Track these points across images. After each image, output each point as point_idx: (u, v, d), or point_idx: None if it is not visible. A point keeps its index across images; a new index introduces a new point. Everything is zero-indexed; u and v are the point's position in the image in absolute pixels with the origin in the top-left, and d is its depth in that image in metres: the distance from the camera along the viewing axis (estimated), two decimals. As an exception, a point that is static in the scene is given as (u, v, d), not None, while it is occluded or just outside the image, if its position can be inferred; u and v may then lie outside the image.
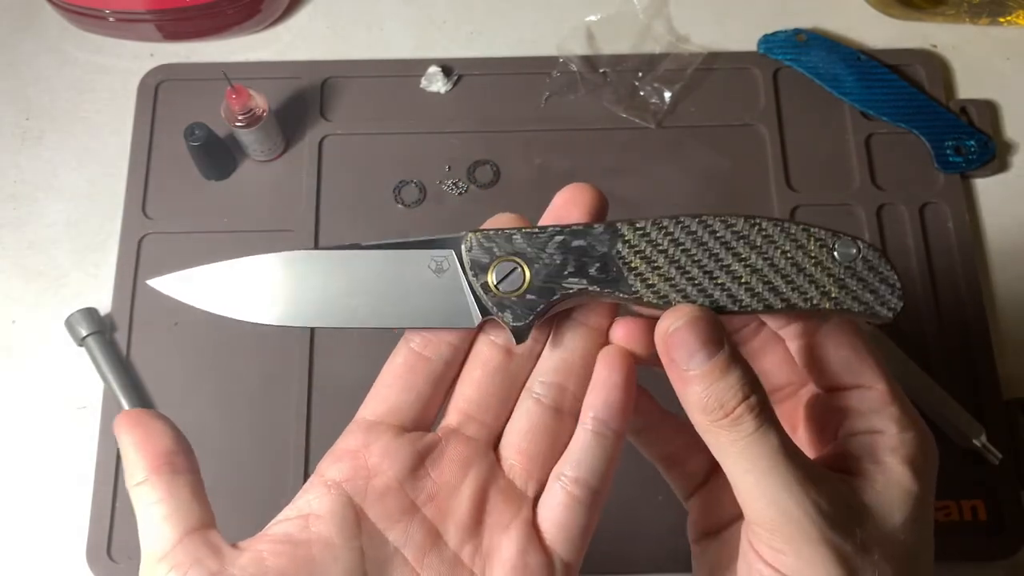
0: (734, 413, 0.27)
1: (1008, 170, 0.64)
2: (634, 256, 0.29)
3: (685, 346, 0.28)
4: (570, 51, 0.66)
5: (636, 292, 0.29)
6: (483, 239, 0.30)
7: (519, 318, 0.30)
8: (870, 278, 0.29)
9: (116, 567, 0.53)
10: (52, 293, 0.60)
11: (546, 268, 0.30)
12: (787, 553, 0.27)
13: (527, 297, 0.30)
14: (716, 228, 0.29)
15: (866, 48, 0.67)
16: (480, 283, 0.30)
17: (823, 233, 0.29)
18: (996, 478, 0.55)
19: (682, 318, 0.28)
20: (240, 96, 0.58)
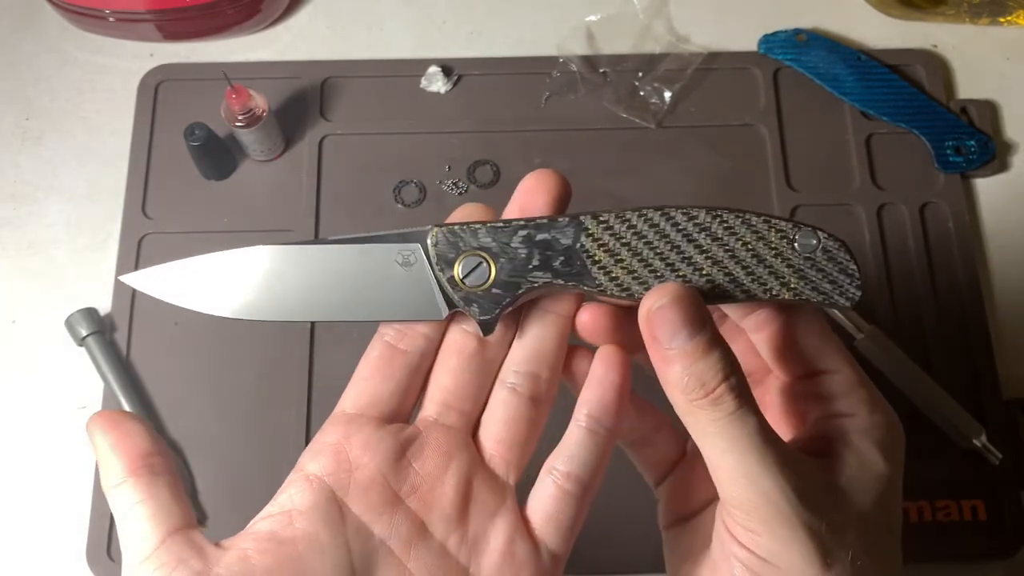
0: (715, 393, 0.27)
1: (1008, 170, 0.64)
2: (598, 249, 0.30)
3: (668, 324, 0.28)
4: (570, 51, 0.66)
5: (600, 285, 0.30)
6: (448, 234, 0.30)
7: (486, 312, 0.30)
8: (829, 268, 0.29)
9: (116, 567, 0.53)
10: (52, 293, 0.60)
11: (511, 262, 0.30)
12: (762, 534, 0.27)
13: (493, 291, 0.30)
14: (678, 220, 0.29)
15: (866, 48, 0.67)
16: (446, 277, 0.30)
17: (784, 224, 0.29)
18: (996, 478, 0.55)
19: (666, 296, 0.28)
20: (240, 96, 0.58)
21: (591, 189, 0.62)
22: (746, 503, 0.27)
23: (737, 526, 0.28)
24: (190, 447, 0.56)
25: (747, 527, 0.28)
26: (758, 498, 0.27)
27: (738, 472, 0.27)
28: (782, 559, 0.27)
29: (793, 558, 0.27)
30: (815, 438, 0.31)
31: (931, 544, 0.54)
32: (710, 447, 0.28)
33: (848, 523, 0.28)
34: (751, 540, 0.28)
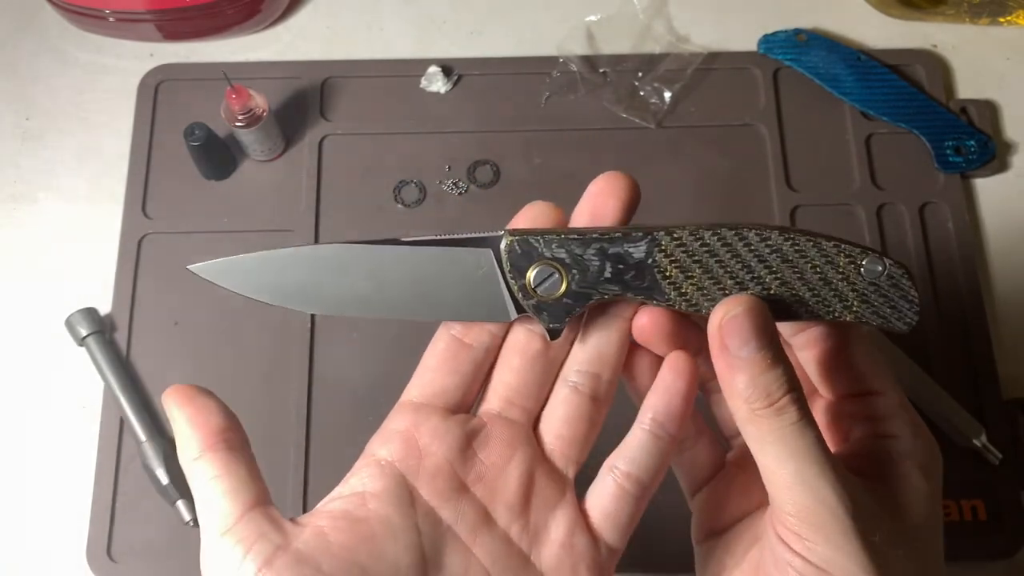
0: (779, 403, 0.28)
1: (1008, 170, 0.64)
2: (669, 265, 0.30)
3: (740, 333, 0.28)
4: (570, 51, 0.66)
5: (669, 299, 0.30)
6: (521, 243, 0.31)
7: (555, 320, 0.31)
8: (892, 294, 0.30)
9: (116, 567, 0.53)
10: (52, 293, 0.60)
11: (583, 274, 0.30)
12: (818, 542, 0.28)
13: (564, 301, 0.31)
14: (751, 240, 0.30)
15: (866, 48, 0.67)
16: (518, 285, 0.31)
17: (853, 250, 0.30)
18: (996, 478, 0.55)
19: (740, 306, 0.28)
20: (240, 96, 0.58)
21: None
22: (804, 510, 0.28)
23: (791, 534, 0.28)
24: (190, 447, 0.56)
25: (802, 535, 0.28)
26: (816, 505, 0.28)
27: (797, 480, 0.28)
28: (837, 567, 0.28)
29: (848, 566, 0.28)
30: (858, 456, 0.32)
31: (931, 544, 0.54)
32: (770, 456, 0.28)
33: (899, 540, 0.29)
34: (806, 548, 0.28)
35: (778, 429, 0.28)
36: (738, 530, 0.34)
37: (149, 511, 0.54)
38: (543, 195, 0.64)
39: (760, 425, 0.28)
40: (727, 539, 0.34)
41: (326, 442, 0.56)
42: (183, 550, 0.54)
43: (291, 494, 0.55)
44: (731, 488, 0.34)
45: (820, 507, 0.28)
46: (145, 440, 0.54)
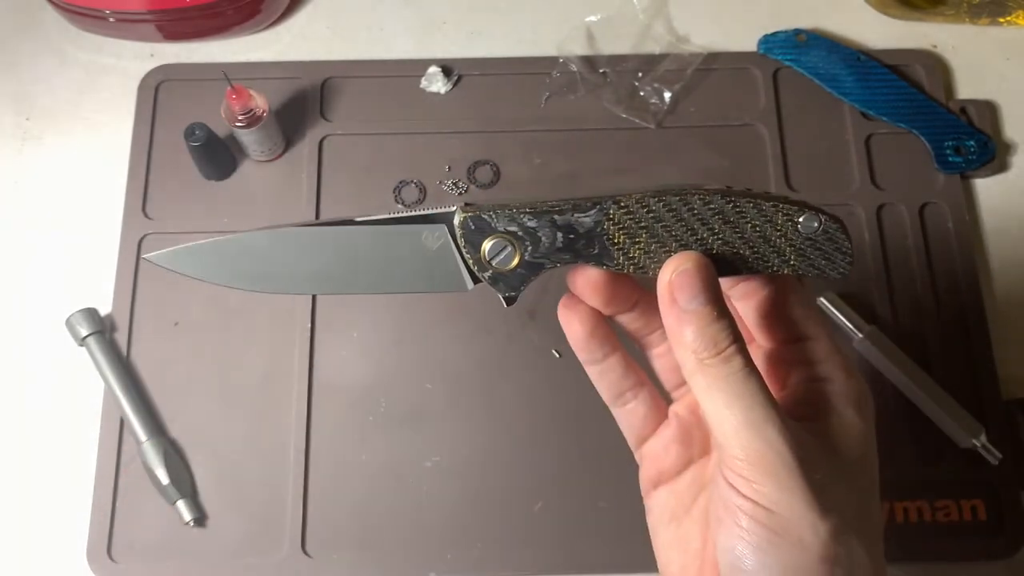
0: (725, 352, 0.30)
1: (1008, 170, 0.64)
2: (618, 232, 0.32)
3: (689, 288, 0.30)
4: (570, 51, 0.66)
5: (618, 264, 0.32)
6: (474, 219, 0.32)
7: (511, 288, 0.33)
8: (827, 247, 0.32)
9: (116, 567, 0.53)
10: (52, 293, 0.60)
11: (535, 246, 0.32)
12: (766, 484, 0.29)
13: (518, 271, 0.32)
14: (694, 204, 0.31)
15: (866, 48, 0.67)
16: (473, 258, 0.32)
17: (791, 208, 0.31)
18: (996, 478, 0.55)
19: (688, 262, 0.30)
20: (240, 96, 0.58)
21: (591, 189, 0.62)
22: (752, 453, 0.29)
23: (740, 478, 0.29)
24: (190, 447, 0.56)
25: (750, 478, 0.29)
26: (764, 447, 0.29)
27: (745, 424, 0.29)
28: (784, 506, 0.29)
29: (795, 505, 0.29)
30: (795, 400, 0.33)
31: (931, 544, 0.54)
32: (718, 402, 0.30)
33: (839, 476, 0.30)
34: (754, 490, 0.29)
35: (725, 377, 0.30)
36: (684, 478, 0.35)
37: (149, 511, 0.54)
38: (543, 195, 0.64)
39: (707, 374, 0.30)
40: (674, 488, 0.36)
41: (326, 442, 0.56)
42: (183, 550, 0.54)
43: (290, 495, 0.55)
44: (675, 438, 0.36)
45: (767, 449, 0.29)
46: (145, 440, 0.54)
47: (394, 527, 0.54)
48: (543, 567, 0.54)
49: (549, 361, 0.58)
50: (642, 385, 0.37)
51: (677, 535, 0.35)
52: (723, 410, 0.30)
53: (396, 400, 0.57)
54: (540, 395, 0.57)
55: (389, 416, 0.57)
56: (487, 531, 0.54)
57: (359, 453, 0.56)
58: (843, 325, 0.57)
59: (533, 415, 0.57)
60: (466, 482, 0.55)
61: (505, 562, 0.54)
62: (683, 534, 0.35)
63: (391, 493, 0.55)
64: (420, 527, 0.54)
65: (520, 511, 0.55)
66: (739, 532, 0.29)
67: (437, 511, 0.55)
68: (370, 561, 0.54)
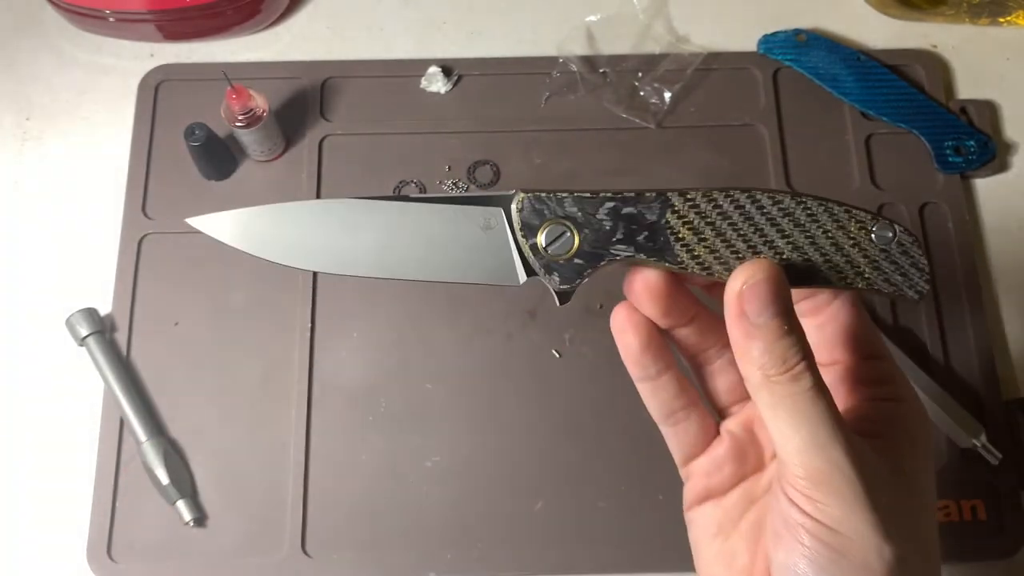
0: (794, 370, 0.28)
1: (1008, 170, 0.64)
2: (682, 227, 0.30)
3: (760, 299, 0.29)
4: (570, 51, 0.66)
5: (681, 262, 0.30)
6: (534, 200, 0.30)
7: (566, 281, 0.31)
8: (902, 261, 0.30)
9: (116, 567, 0.53)
10: (52, 293, 0.60)
11: (595, 234, 0.30)
12: (830, 503, 0.28)
13: (575, 261, 0.31)
14: (764, 204, 0.30)
15: (866, 48, 0.67)
16: (529, 244, 0.31)
17: (864, 215, 0.30)
18: (996, 478, 0.55)
19: (760, 272, 0.29)
20: (240, 96, 0.58)
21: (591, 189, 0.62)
22: (816, 473, 0.28)
23: (802, 496, 0.29)
24: (190, 447, 0.56)
25: (813, 497, 0.29)
26: (829, 467, 0.28)
27: (810, 444, 0.28)
28: (849, 527, 0.28)
29: (860, 526, 0.28)
30: (863, 418, 0.32)
31: (931, 544, 0.54)
32: (783, 420, 0.29)
33: (903, 498, 0.30)
34: (817, 509, 0.29)
35: (792, 395, 0.28)
36: (733, 494, 0.35)
37: (149, 511, 0.54)
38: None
39: (774, 391, 0.29)
40: (721, 502, 0.35)
41: (326, 442, 0.56)
42: (183, 550, 0.54)
43: (291, 494, 0.55)
44: (728, 457, 0.35)
45: (833, 469, 0.28)
46: (145, 440, 0.54)
47: (394, 527, 0.54)
48: (543, 567, 0.54)
49: (549, 361, 0.58)
50: (695, 404, 0.35)
51: (723, 549, 0.34)
52: (788, 429, 0.29)
53: (396, 400, 0.57)
54: (540, 395, 0.57)
55: (389, 416, 0.57)
56: (487, 531, 0.54)
57: (359, 453, 0.56)
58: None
59: (533, 415, 0.57)
60: (466, 482, 0.55)
61: (505, 562, 0.54)
62: (729, 548, 0.34)
63: (391, 493, 0.55)
64: (420, 527, 0.54)
65: (520, 511, 0.55)
66: (801, 550, 0.29)
67: (437, 511, 0.55)
68: (370, 561, 0.54)
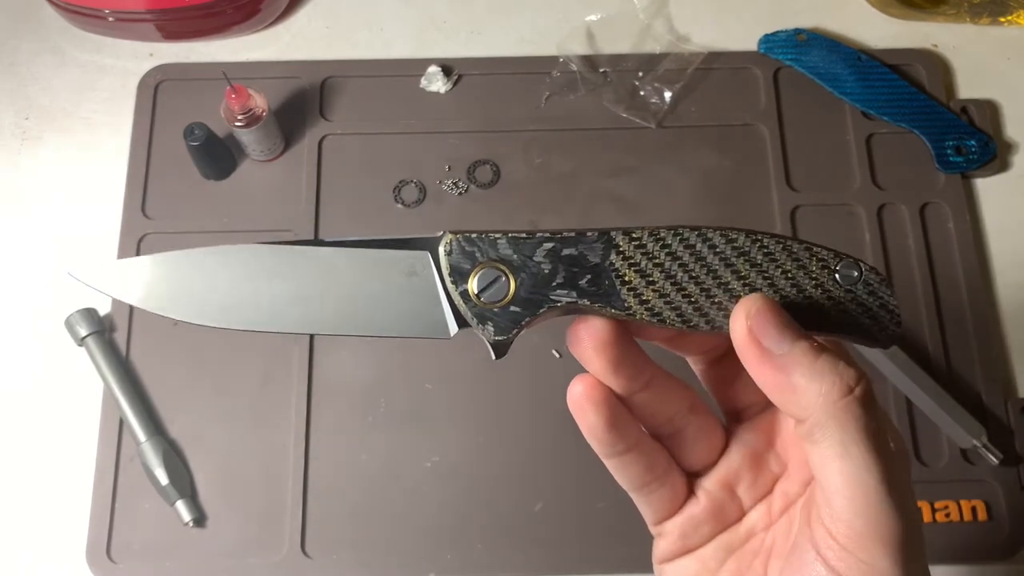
0: (858, 389, 0.25)
1: (1008, 170, 0.64)
2: (628, 269, 0.27)
3: (774, 325, 0.26)
4: (570, 51, 0.66)
5: (629, 308, 0.27)
6: (464, 242, 0.28)
7: (502, 331, 0.28)
8: (870, 303, 0.27)
9: (116, 567, 0.53)
10: (52, 293, 0.60)
11: (533, 278, 0.27)
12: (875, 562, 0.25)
13: (511, 309, 0.27)
14: (716, 242, 0.27)
15: (866, 48, 0.67)
16: (459, 291, 0.28)
17: (826, 253, 0.27)
18: (996, 478, 0.55)
19: (756, 303, 0.26)
20: (240, 96, 0.58)
21: (591, 189, 0.62)
22: (875, 528, 0.25)
23: (842, 551, 0.26)
24: (190, 447, 0.56)
25: (858, 554, 0.25)
26: (889, 521, 0.25)
27: (879, 492, 0.25)
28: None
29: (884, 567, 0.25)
30: None
31: (931, 544, 0.54)
32: (855, 462, 0.25)
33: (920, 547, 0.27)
34: (853, 567, 0.26)
35: (865, 427, 0.25)
36: (710, 546, 0.32)
37: (149, 511, 0.54)
38: (543, 195, 0.64)
39: (846, 424, 0.25)
40: (698, 555, 0.32)
41: (326, 443, 0.56)
42: (183, 550, 0.54)
43: (291, 494, 0.55)
44: (706, 519, 0.31)
45: (889, 523, 0.25)
46: (145, 440, 0.54)
47: (394, 527, 0.54)
48: (543, 567, 0.54)
49: (549, 361, 0.58)
50: (668, 472, 0.31)
51: None
52: (861, 472, 0.25)
53: (396, 400, 0.57)
54: (540, 395, 0.57)
55: (389, 416, 0.57)
56: (487, 531, 0.54)
57: (359, 453, 0.56)
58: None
59: (533, 415, 0.57)
60: (466, 482, 0.55)
61: (505, 562, 0.54)
62: None
63: (391, 493, 0.55)
64: (420, 527, 0.54)
65: (520, 511, 0.55)
66: None
67: (437, 511, 0.55)
68: (370, 561, 0.54)
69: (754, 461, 0.31)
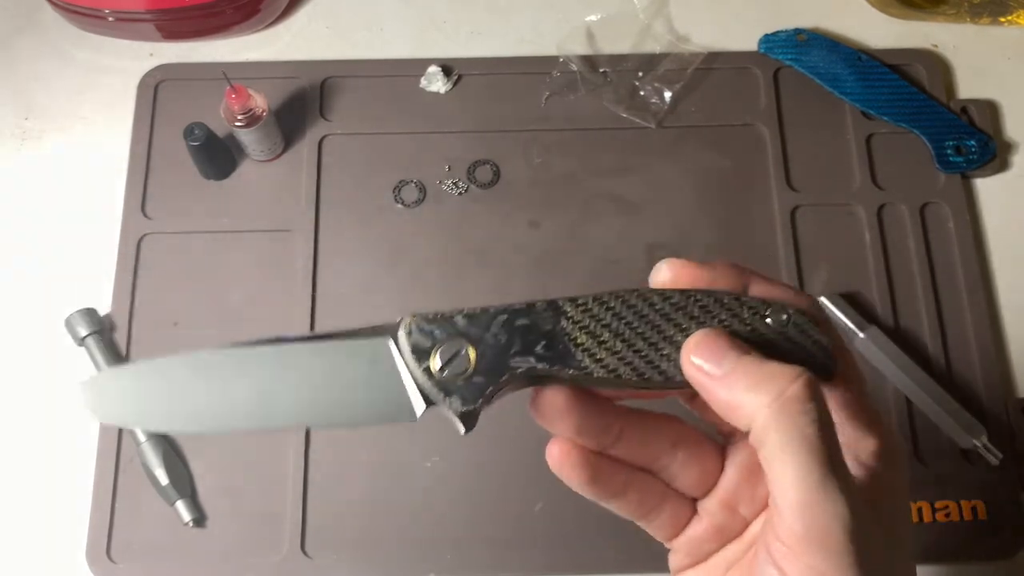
0: (796, 384, 0.26)
1: (1008, 170, 0.64)
2: (579, 332, 0.29)
3: (715, 347, 0.27)
4: (570, 51, 0.66)
5: (585, 367, 0.29)
6: (423, 322, 0.29)
7: (468, 402, 0.29)
8: (802, 340, 0.29)
9: (116, 567, 0.53)
10: (52, 293, 0.60)
11: (492, 349, 0.29)
12: (822, 567, 0.25)
13: (474, 380, 0.29)
14: (655, 301, 0.29)
15: (866, 48, 0.67)
16: (422, 367, 0.29)
17: (755, 302, 0.29)
18: (996, 478, 0.55)
19: (696, 336, 0.28)
20: (240, 96, 0.58)
21: (591, 189, 0.62)
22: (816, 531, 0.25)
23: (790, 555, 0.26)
24: (190, 447, 0.56)
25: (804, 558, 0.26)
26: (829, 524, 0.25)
27: (817, 493, 0.25)
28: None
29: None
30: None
31: (931, 544, 0.54)
32: (790, 464, 0.26)
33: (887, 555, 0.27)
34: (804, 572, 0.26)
35: (800, 429, 0.25)
36: (716, 557, 0.32)
37: (149, 511, 0.54)
38: (543, 195, 0.64)
39: (782, 425, 0.25)
40: (705, 566, 0.32)
41: (326, 443, 0.56)
42: (183, 550, 0.54)
43: (291, 494, 0.55)
44: (708, 537, 0.32)
45: (833, 527, 0.25)
46: (145, 440, 0.54)
47: (394, 527, 0.54)
48: (543, 567, 0.54)
49: (549, 361, 0.58)
50: (666, 499, 0.32)
51: None
52: (797, 472, 0.25)
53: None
54: (540, 395, 0.57)
55: (389, 416, 0.57)
56: (487, 531, 0.54)
57: (359, 453, 0.56)
58: (843, 325, 0.57)
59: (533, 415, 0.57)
60: (466, 482, 0.55)
61: (505, 562, 0.54)
62: None
63: (391, 493, 0.55)
64: (420, 527, 0.54)
65: (520, 511, 0.55)
66: None
67: (437, 511, 0.55)
68: (370, 561, 0.54)
69: (750, 477, 0.31)
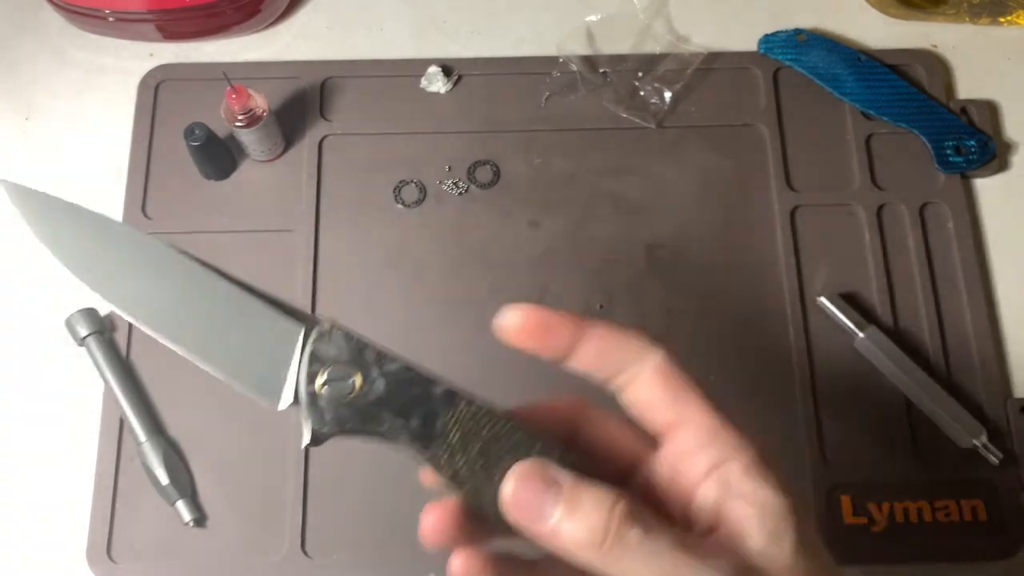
0: (617, 531, 0.26)
1: (1008, 170, 0.64)
2: (456, 430, 0.29)
3: (531, 505, 0.27)
4: (570, 51, 0.66)
5: (438, 462, 0.29)
6: (336, 337, 0.29)
7: (323, 424, 0.29)
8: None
9: (116, 567, 0.53)
10: (52, 293, 0.60)
11: (377, 394, 0.29)
12: None
13: (341, 410, 0.29)
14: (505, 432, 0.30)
15: (866, 48, 0.67)
16: (308, 372, 0.29)
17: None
18: (996, 478, 0.55)
19: (511, 479, 0.28)
20: (240, 96, 0.58)
21: (591, 189, 0.62)
22: None
23: None
24: (190, 447, 0.56)
25: None
26: None
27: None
28: None
29: None
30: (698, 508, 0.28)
31: (931, 544, 0.54)
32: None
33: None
34: None
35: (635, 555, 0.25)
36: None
37: (149, 511, 0.54)
38: (543, 195, 0.64)
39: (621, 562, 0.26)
40: None
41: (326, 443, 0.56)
42: (183, 550, 0.54)
43: (291, 494, 0.55)
44: None
45: None
46: (145, 440, 0.54)
47: (394, 527, 0.54)
48: (543, 567, 0.54)
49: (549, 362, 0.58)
50: None
51: None
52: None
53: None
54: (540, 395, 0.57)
55: (389, 416, 0.57)
56: (487, 531, 0.54)
57: (359, 453, 0.56)
58: (843, 325, 0.57)
59: (533, 415, 0.57)
60: (466, 482, 0.55)
61: (505, 562, 0.54)
62: None
63: (391, 493, 0.55)
64: (420, 527, 0.54)
65: (520, 511, 0.55)
66: None
67: (437, 511, 0.55)
68: (370, 561, 0.54)
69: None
